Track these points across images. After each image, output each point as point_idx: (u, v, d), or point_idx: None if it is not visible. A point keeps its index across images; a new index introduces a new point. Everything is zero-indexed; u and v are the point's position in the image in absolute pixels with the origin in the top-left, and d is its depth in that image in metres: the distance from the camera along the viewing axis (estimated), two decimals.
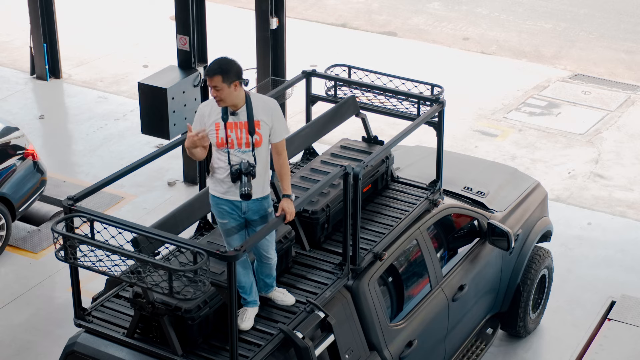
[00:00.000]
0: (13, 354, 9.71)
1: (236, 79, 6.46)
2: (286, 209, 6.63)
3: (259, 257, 6.83)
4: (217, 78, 6.42)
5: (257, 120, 6.57)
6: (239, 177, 6.49)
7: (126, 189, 12.50)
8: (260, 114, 6.59)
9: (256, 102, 6.61)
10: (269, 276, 6.97)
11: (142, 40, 17.71)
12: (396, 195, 8.56)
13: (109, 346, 6.69)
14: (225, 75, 6.42)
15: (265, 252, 6.79)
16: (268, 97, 6.86)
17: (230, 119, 6.55)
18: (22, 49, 16.83)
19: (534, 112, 14.89)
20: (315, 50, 17.00)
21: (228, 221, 6.71)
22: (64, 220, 6.52)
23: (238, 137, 6.55)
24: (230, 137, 6.55)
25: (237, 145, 6.56)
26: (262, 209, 6.73)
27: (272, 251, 6.84)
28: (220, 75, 6.42)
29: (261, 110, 6.60)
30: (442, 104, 8.38)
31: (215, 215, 6.80)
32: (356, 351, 7.27)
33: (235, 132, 6.55)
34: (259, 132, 6.58)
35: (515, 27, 18.49)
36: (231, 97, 6.49)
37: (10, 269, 11.11)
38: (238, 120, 6.56)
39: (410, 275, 8.27)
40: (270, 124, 6.61)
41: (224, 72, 6.42)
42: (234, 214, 6.70)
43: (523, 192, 9.74)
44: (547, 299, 10.03)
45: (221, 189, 6.65)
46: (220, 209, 6.71)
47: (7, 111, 14.65)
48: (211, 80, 6.43)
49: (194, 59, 12.10)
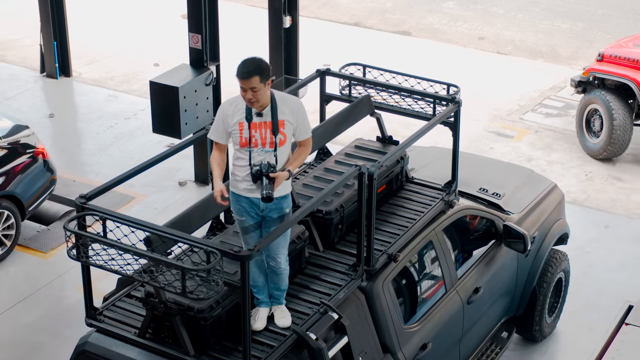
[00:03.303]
0: (23, 354, 9.62)
1: (269, 76, 6.37)
2: (278, 176, 6.38)
3: (267, 259, 6.70)
4: (254, 79, 6.29)
5: (281, 120, 6.47)
6: (259, 178, 6.39)
7: (137, 189, 12.41)
8: (285, 113, 6.49)
9: (280, 101, 6.51)
10: (277, 287, 6.83)
11: (153, 38, 17.64)
12: (411, 196, 8.46)
13: (120, 346, 6.62)
14: (262, 75, 6.31)
15: (274, 254, 6.65)
16: (292, 95, 6.78)
17: (255, 119, 6.44)
18: (32, 47, 16.77)
19: (551, 113, 14.76)
20: (329, 49, 16.89)
21: (246, 219, 6.63)
22: (76, 218, 6.44)
23: (262, 136, 6.45)
24: (255, 137, 6.44)
25: (260, 145, 6.46)
26: (280, 209, 6.64)
27: (281, 255, 6.70)
28: (258, 75, 6.29)
29: (286, 110, 6.50)
30: (458, 103, 8.27)
31: (234, 212, 6.72)
32: (370, 353, 7.16)
33: (259, 131, 6.44)
34: (283, 132, 6.49)
35: (531, 27, 18.36)
36: (265, 97, 6.39)
37: (19, 269, 11.03)
38: (262, 120, 6.45)
39: (425, 277, 8.16)
40: (295, 123, 6.53)
41: (261, 72, 6.30)
42: (252, 212, 6.62)
43: (539, 194, 9.62)
44: (563, 303, 9.91)
45: (241, 186, 6.56)
46: (239, 205, 6.63)
47: (16, 109, 14.59)
48: (247, 82, 6.28)
49: (206, 58, 12.00)
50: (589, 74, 13.44)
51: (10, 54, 17.03)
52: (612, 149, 13.11)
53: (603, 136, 13.17)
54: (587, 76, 13.46)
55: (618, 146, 13.08)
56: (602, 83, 13.40)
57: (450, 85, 8.53)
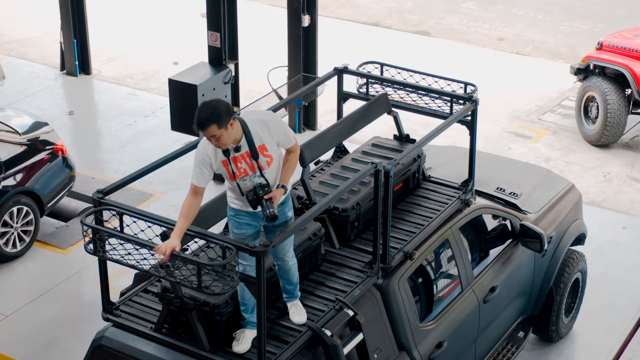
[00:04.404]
0: (40, 349, 9.68)
1: (229, 117, 6.10)
2: (275, 195, 6.32)
3: (274, 259, 6.66)
4: (212, 128, 6.07)
5: (261, 145, 6.31)
6: (258, 202, 6.31)
7: (155, 186, 12.46)
8: (262, 136, 6.31)
9: (252, 126, 6.30)
10: (289, 282, 6.78)
11: (172, 37, 17.70)
12: (428, 194, 8.45)
13: (136, 340, 6.64)
14: (219, 122, 6.06)
15: (282, 254, 6.61)
16: (262, 112, 6.57)
17: (234, 154, 6.30)
18: (52, 44, 16.87)
19: (570, 114, 14.70)
20: (347, 49, 16.89)
21: (246, 231, 6.53)
22: (94, 213, 6.47)
23: (249, 165, 6.33)
24: (241, 167, 6.33)
25: (250, 172, 6.35)
26: (283, 214, 6.55)
27: (289, 254, 6.66)
28: (215, 123, 6.06)
29: (261, 132, 6.30)
30: (475, 102, 8.27)
31: (232, 225, 6.60)
32: (385, 351, 7.16)
33: (244, 161, 6.32)
34: (268, 154, 6.34)
35: (551, 27, 18.31)
36: (231, 137, 6.19)
37: (38, 265, 11.10)
38: (242, 152, 6.30)
39: (441, 276, 8.16)
40: (275, 139, 6.36)
41: (217, 119, 6.06)
42: (251, 225, 6.52)
43: (557, 194, 9.59)
44: (580, 303, 9.87)
45: (241, 203, 6.48)
46: (239, 219, 6.53)
47: (36, 107, 14.67)
48: (207, 132, 6.09)
49: (224, 56, 12.05)
50: (587, 61, 13.85)
51: (30, 52, 17.14)
52: (607, 135, 13.50)
53: (599, 123, 13.51)
54: (585, 63, 13.88)
55: (612, 133, 13.49)
56: (602, 71, 13.73)
57: (468, 84, 8.52)
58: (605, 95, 13.43)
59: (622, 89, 13.53)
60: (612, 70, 13.62)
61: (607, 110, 13.36)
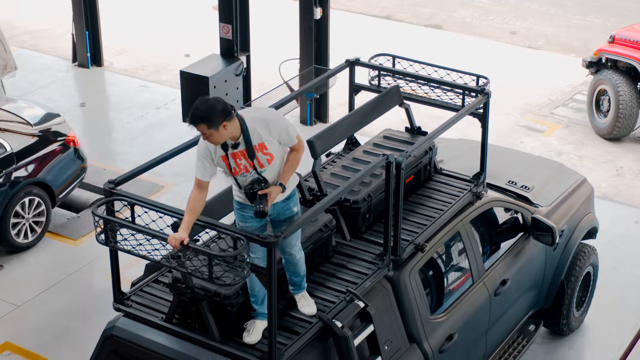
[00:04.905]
0: (51, 339, 9.71)
1: (222, 119, 6.04)
2: (270, 192, 6.27)
3: (282, 253, 6.63)
4: (202, 127, 6.07)
5: (260, 144, 6.27)
6: (253, 197, 6.28)
7: (166, 178, 12.47)
8: (262, 135, 6.26)
9: (251, 124, 6.25)
10: (295, 274, 6.76)
11: (184, 29, 17.70)
12: (439, 187, 8.43)
13: (147, 331, 6.65)
14: (209, 122, 6.02)
15: (289, 248, 6.59)
16: (264, 110, 6.52)
17: (232, 150, 6.28)
18: (64, 36, 16.89)
19: (582, 108, 14.64)
20: (359, 41, 16.86)
21: (251, 224, 6.51)
22: (105, 203, 6.48)
23: (249, 162, 6.30)
24: (241, 164, 6.31)
25: (250, 168, 6.32)
26: (288, 210, 6.53)
27: (295, 247, 6.64)
28: (203, 123, 6.05)
29: (260, 131, 6.26)
30: (487, 94, 8.25)
31: (237, 219, 6.60)
32: (396, 343, 7.15)
33: (243, 158, 6.30)
34: (268, 152, 6.29)
35: (564, 21, 18.24)
36: (224, 137, 6.15)
37: (49, 255, 11.13)
38: (240, 149, 6.27)
39: (452, 268, 8.14)
40: (275, 137, 6.31)
41: (207, 120, 6.04)
42: (256, 219, 6.47)
43: (569, 188, 9.56)
44: (591, 297, 9.85)
45: (245, 197, 6.45)
46: (244, 213, 6.51)
47: (48, 98, 14.69)
48: (197, 129, 6.10)
49: (236, 48, 12.06)
50: (599, 54, 13.86)
51: (42, 44, 17.16)
52: (619, 128, 13.49)
53: (610, 116, 13.50)
54: (597, 57, 13.89)
55: (624, 126, 13.49)
56: (614, 65, 13.74)
57: (480, 76, 8.50)
58: (617, 88, 13.41)
59: (634, 82, 13.52)
60: (624, 63, 13.60)
61: (619, 103, 13.33)
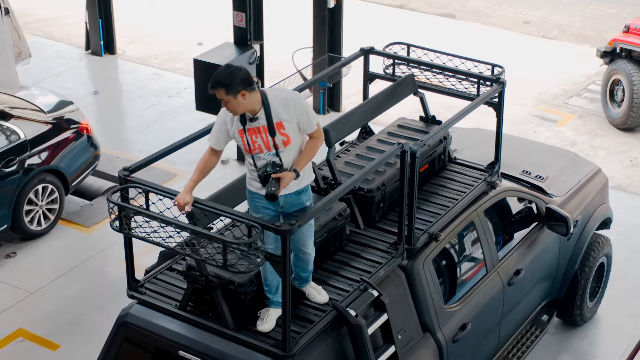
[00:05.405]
0: (64, 326, 9.73)
1: (242, 87, 6.05)
2: (283, 176, 6.21)
3: (295, 251, 6.60)
4: (220, 91, 6.07)
5: (278, 122, 6.22)
6: (266, 180, 6.23)
7: (179, 166, 12.47)
8: (281, 113, 6.23)
9: (274, 101, 6.22)
10: (304, 270, 6.75)
11: (197, 17, 17.67)
12: (453, 176, 8.41)
13: (161, 318, 6.66)
14: (228, 88, 6.04)
15: (303, 246, 6.57)
16: (287, 91, 6.49)
17: (250, 125, 6.24)
18: (77, 24, 16.90)
19: (596, 98, 14.57)
20: (372, 31, 16.82)
21: (262, 216, 6.48)
22: (120, 190, 6.48)
23: (264, 141, 6.27)
24: (256, 142, 6.28)
25: (265, 149, 6.28)
26: (300, 203, 6.48)
27: (309, 245, 6.62)
28: (222, 88, 6.05)
29: (281, 109, 6.22)
30: (502, 84, 8.22)
31: (250, 209, 6.59)
32: (409, 332, 7.15)
33: (260, 136, 6.26)
34: (285, 133, 6.24)
35: (578, 11, 18.15)
36: (242, 107, 6.14)
37: (62, 243, 11.15)
38: (259, 124, 6.23)
39: (466, 258, 8.13)
40: (295, 119, 6.25)
41: (226, 85, 6.04)
42: (269, 209, 6.46)
43: (583, 178, 9.53)
44: (604, 288, 9.82)
45: (256, 185, 6.42)
46: (256, 203, 6.49)
47: (61, 86, 14.71)
48: (216, 93, 6.09)
49: (250, 36, 12.02)
50: (613, 44, 13.84)
51: (56, 31, 17.17)
52: (633, 118, 13.46)
53: (624, 106, 13.47)
54: (611, 46, 13.87)
55: (638, 116, 13.46)
56: (628, 54, 13.70)
57: (495, 65, 8.47)
58: (632, 78, 13.36)
59: None
60: (638, 53, 13.55)
61: (633, 92, 13.28)
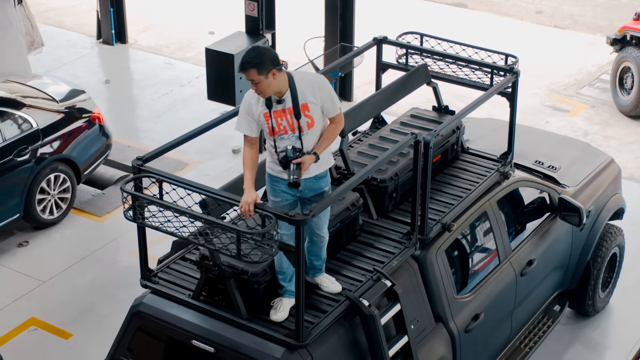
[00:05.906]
0: (77, 315, 9.76)
1: (272, 66, 6.11)
2: (304, 160, 6.24)
3: (310, 235, 6.61)
4: (251, 72, 6.10)
5: (304, 104, 6.26)
6: (287, 165, 6.26)
7: (191, 156, 12.48)
8: (307, 95, 6.27)
9: (300, 83, 6.27)
10: (318, 257, 6.75)
11: (208, 7, 17.66)
12: (466, 166, 8.39)
13: (174, 307, 6.66)
14: (259, 67, 6.08)
15: (318, 230, 6.58)
16: (312, 73, 6.51)
17: (276, 107, 6.27)
18: (89, 13, 16.90)
19: (608, 89, 14.52)
20: (384, 20, 16.79)
21: (281, 199, 6.49)
22: (133, 180, 6.48)
23: (289, 123, 6.28)
24: (281, 124, 6.29)
25: (290, 131, 6.30)
26: (319, 187, 6.51)
27: (324, 230, 6.63)
28: (254, 68, 6.08)
29: (307, 91, 6.27)
30: (516, 74, 8.19)
31: (269, 192, 6.59)
32: (422, 322, 7.15)
33: (285, 119, 6.27)
34: (309, 115, 6.28)
35: (590, 1, 18.08)
36: (272, 87, 6.18)
37: (74, 232, 11.17)
38: (285, 107, 6.26)
39: (478, 248, 8.11)
40: (319, 102, 6.30)
41: (257, 65, 6.08)
42: (288, 193, 6.48)
43: (596, 168, 9.50)
44: (617, 278, 9.80)
45: (277, 168, 6.43)
46: (275, 186, 6.50)
47: (73, 75, 14.72)
48: (247, 75, 6.11)
49: (261, 26, 12.00)
50: (623, 31, 13.80)
51: (67, 20, 17.18)
52: None
53: (634, 93, 13.43)
54: (622, 34, 13.82)
55: None
56: (638, 42, 13.66)
57: (509, 55, 8.43)
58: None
59: None
60: None
61: None
